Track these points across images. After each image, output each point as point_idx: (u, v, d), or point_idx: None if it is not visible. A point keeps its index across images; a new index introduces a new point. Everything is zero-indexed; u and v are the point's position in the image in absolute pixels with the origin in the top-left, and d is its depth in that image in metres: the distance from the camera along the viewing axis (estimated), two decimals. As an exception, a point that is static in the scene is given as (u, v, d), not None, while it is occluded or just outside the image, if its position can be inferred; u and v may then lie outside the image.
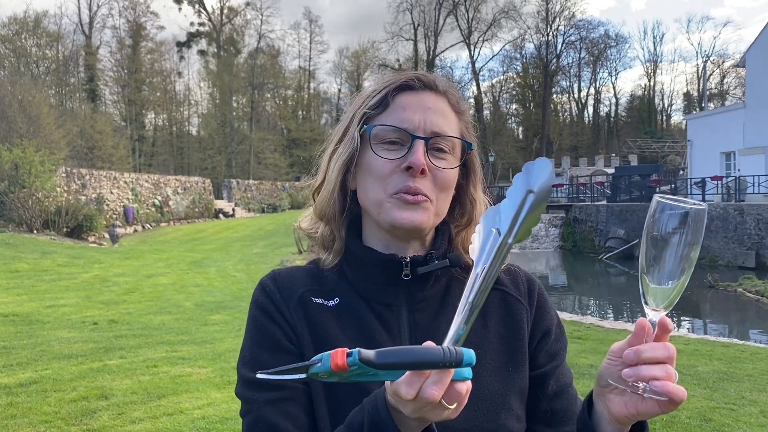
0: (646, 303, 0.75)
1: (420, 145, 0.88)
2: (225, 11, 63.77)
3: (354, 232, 0.97)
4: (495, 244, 0.78)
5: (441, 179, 0.90)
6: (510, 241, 0.78)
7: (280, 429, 0.85)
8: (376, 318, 0.92)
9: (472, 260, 0.80)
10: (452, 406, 0.68)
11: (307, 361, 0.65)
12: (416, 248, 0.95)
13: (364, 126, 0.92)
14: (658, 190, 25.02)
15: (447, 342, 0.72)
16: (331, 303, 0.94)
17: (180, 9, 68.58)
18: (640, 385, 0.73)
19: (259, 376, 0.67)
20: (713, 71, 57.82)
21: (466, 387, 0.67)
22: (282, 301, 0.93)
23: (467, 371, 0.67)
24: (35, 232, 18.20)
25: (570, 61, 62.85)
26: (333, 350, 0.64)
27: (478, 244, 0.81)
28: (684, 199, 0.72)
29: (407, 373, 0.66)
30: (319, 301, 0.94)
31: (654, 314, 0.75)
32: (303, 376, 0.65)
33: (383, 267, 0.92)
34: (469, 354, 0.64)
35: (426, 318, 0.92)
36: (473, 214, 0.98)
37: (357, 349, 0.63)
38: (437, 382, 0.65)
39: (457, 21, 60.94)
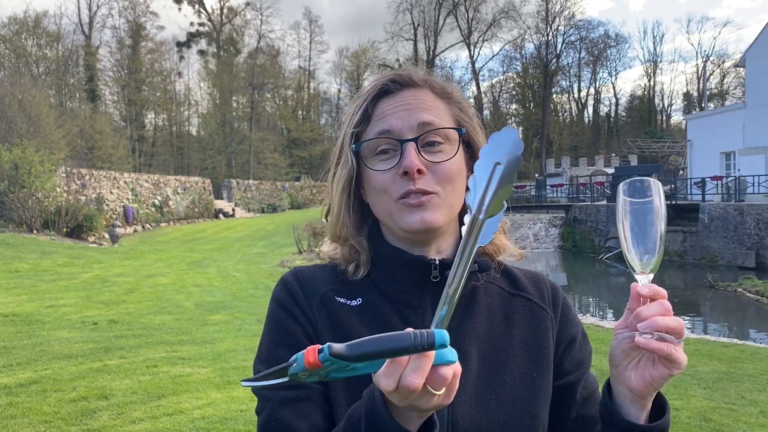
0: (634, 270, 0.80)
1: (410, 147, 0.87)
2: (225, 11, 63.82)
3: (376, 235, 0.95)
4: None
5: (441, 173, 0.88)
6: (481, 216, 0.77)
7: (293, 429, 0.84)
8: (400, 319, 0.90)
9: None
10: (440, 392, 0.66)
11: (285, 363, 0.64)
12: (440, 246, 0.93)
13: (353, 145, 0.91)
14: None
15: (432, 326, 0.70)
16: (354, 303, 0.92)
17: (180, 9, 68.63)
18: (646, 331, 0.77)
19: (243, 384, 0.67)
20: (713, 71, 57.86)
21: (451, 371, 0.65)
22: (304, 298, 0.92)
23: (450, 354, 0.64)
24: (35, 232, 18.20)
25: (570, 61, 62.93)
26: (306, 348, 0.62)
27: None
28: (645, 179, 0.80)
29: (386, 363, 0.64)
30: (342, 300, 0.92)
31: (642, 277, 0.80)
32: (285, 379, 0.64)
33: (411, 268, 0.90)
34: (441, 335, 0.61)
35: (451, 322, 0.89)
36: None
37: (327, 344, 0.62)
38: (416, 369, 0.63)
39: (457, 21, 60.99)
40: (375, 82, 0.94)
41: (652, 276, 0.80)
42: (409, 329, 0.63)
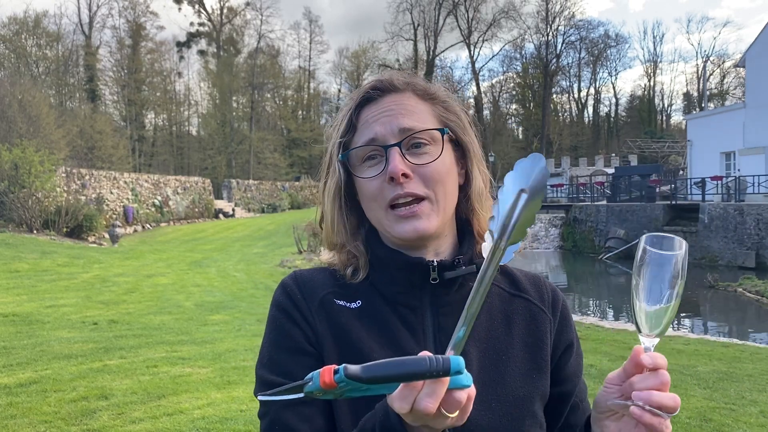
0: (639, 331, 0.78)
1: (394, 152, 0.87)
2: (225, 11, 63.83)
3: (373, 237, 0.95)
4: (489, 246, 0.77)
5: (428, 174, 0.88)
6: (503, 244, 0.76)
7: None
8: (399, 321, 0.90)
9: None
10: (453, 415, 0.66)
11: (300, 381, 0.64)
12: (438, 248, 0.93)
13: (340, 155, 0.92)
14: (657, 190, 25.03)
15: (448, 350, 0.71)
16: (354, 305, 0.92)
17: (180, 9, 68.54)
18: (639, 402, 0.76)
19: (259, 398, 0.68)
20: (713, 71, 57.86)
21: (466, 395, 0.66)
22: (303, 301, 0.92)
23: (465, 379, 0.65)
24: (35, 232, 18.20)
25: (570, 61, 62.93)
26: (322, 368, 0.63)
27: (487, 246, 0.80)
28: (669, 235, 0.76)
29: (400, 386, 0.65)
30: (341, 303, 0.92)
31: (647, 340, 0.77)
32: (300, 395, 0.64)
33: (409, 270, 0.90)
34: (457, 361, 0.62)
35: (451, 322, 0.90)
36: (471, 195, 0.96)
37: (343, 365, 0.62)
38: (431, 393, 0.64)
39: (457, 21, 60.97)
40: (357, 91, 0.95)
41: (657, 341, 0.78)
42: (425, 353, 0.63)
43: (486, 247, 0.79)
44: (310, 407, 0.86)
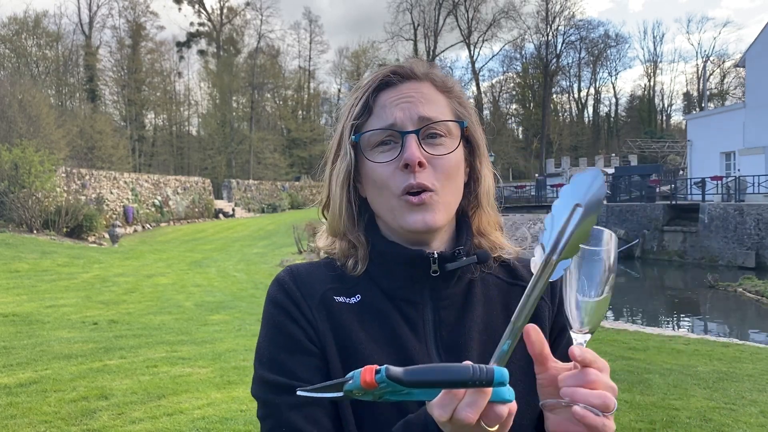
0: (571, 327, 0.76)
1: (411, 139, 0.86)
2: (225, 11, 63.84)
3: (372, 229, 0.94)
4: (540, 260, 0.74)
5: (442, 167, 0.87)
6: (555, 258, 0.73)
7: None
8: (400, 315, 0.89)
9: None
10: (493, 429, 0.65)
11: (341, 378, 0.63)
12: (436, 242, 0.92)
13: (353, 136, 0.90)
14: (657, 190, 25.02)
15: (491, 362, 0.69)
16: (353, 300, 0.90)
17: (180, 9, 68.70)
18: (566, 400, 0.74)
19: (299, 393, 0.65)
20: (713, 71, 57.87)
21: (507, 409, 0.65)
22: (302, 299, 0.89)
23: (507, 393, 0.64)
24: (35, 232, 18.20)
25: (570, 61, 62.96)
26: (363, 367, 0.62)
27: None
28: (599, 228, 0.74)
29: (441, 393, 0.64)
30: (341, 299, 0.90)
31: (579, 336, 0.76)
32: (340, 394, 0.63)
33: (409, 263, 0.89)
34: (501, 373, 0.61)
35: (451, 315, 0.90)
36: (479, 193, 0.95)
37: (385, 366, 0.61)
38: (472, 404, 0.63)
39: (457, 21, 61.03)
40: (376, 74, 0.92)
41: (589, 337, 0.76)
42: (468, 363, 0.62)
43: (536, 261, 0.76)
44: (317, 409, 0.83)
